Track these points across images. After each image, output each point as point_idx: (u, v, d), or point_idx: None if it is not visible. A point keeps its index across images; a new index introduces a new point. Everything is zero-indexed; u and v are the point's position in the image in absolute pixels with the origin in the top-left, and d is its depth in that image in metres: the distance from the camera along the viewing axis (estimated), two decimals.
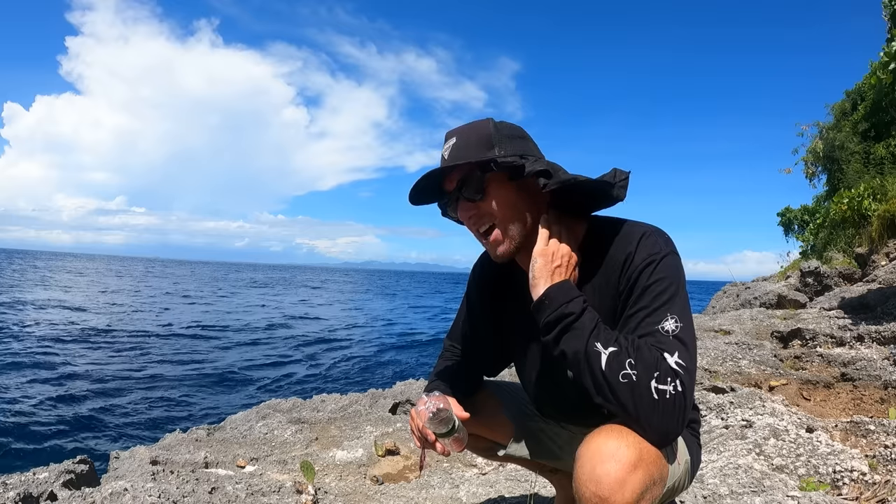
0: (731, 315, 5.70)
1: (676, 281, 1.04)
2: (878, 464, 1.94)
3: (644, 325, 1.00)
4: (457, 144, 1.13)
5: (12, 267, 66.26)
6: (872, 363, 3.29)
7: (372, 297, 49.31)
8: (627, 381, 0.92)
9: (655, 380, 0.92)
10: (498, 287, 1.33)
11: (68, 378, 10.49)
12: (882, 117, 11.50)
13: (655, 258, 1.05)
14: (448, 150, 1.14)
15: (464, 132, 1.14)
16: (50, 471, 2.27)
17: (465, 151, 1.11)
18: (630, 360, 0.94)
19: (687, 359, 0.96)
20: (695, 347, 1.02)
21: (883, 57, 4.95)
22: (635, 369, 0.93)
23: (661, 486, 0.95)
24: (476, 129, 1.15)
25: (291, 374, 12.27)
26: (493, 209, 1.13)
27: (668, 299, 1.02)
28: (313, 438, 3.11)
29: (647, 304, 1.02)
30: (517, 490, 2.15)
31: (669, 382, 0.92)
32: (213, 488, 2.08)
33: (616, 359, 0.94)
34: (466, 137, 1.13)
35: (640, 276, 1.04)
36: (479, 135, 1.13)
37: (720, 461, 2.06)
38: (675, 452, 1.10)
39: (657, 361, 0.94)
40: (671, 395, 0.91)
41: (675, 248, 1.09)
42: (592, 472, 0.89)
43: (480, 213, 1.14)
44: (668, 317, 1.00)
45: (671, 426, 0.92)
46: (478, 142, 1.12)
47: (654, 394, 0.91)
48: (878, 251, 7.02)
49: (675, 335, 0.98)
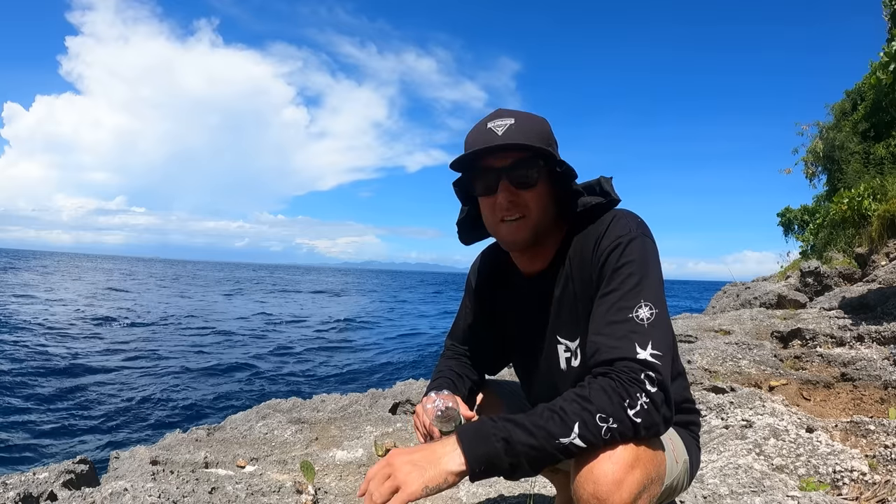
0: (731, 315, 5.70)
1: (646, 263, 1.02)
2: (878, 464, 1.94)
3: (615, 310, 0.99)
4: (518, 126, 1.08)
5: (15, 266, 66.29)
6: (872, 363, 3.29)
7: (372, 297, 49.31)
8: (611, 434, 0.89)
9: (629, 406, 0.89)
10: (495, 285, 1.33)
11: (68, 378, 10.49)
12: (882, 117, 11.50)
13: (622, 241, 1.04)
14: (504, 129, 1.07)
15: (522, 117, 1.10)
16: (50, 471, 2.27)
17: (528, 136, 1.07)
18: (600, 414, 0.89)
19: (663, 346, 0.95)
20: (670, 330, 1.01)
21: (883, 57, 4.95)
22: (609, 418, 0.89)
23: (658, 484, 0.95)
24: (535, 120, 1.11)
25: (291, 374, 12.27)
26: (532, 203, 1.11)
27: (638, 282, 1.00)
28: (313, 438, 3.11)
29: (616, 288, 1.01)
30: (517, 490, 2.15)
31: (641, 395, 0.90)
32: (213, 488, 2.08)
33: (588, 430, 0.88)
34: (527, 124, 1.09)
35: (609, 259, 1.03)
36: (539, 127, 1.10)
37: (720, 461, 2.06)
38: (672, 451, 1.10)
39: (620, 388, 0.90)
40: (647, 406, 0.90)
41: (646, 231, 1.07)
42: (590, 472, 0.89)
43: (518, 202, 1.10)
44: (642, 303, 0.98)
45: (657, 426, 0.92)
46: (539, 134, 1.09)
47: (637, 418, 0.90)
48: (878, 251, 7.02)
49: (650, 323, 0.96)
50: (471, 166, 1.13)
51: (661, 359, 0.93)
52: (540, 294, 1.21)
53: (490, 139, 1.07)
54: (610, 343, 0.96)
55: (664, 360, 0.94)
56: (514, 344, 1.34)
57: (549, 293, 1.19)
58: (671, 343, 0.99)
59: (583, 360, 1.15)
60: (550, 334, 1.20)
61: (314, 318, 25.17)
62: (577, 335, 1.15)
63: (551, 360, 1.21)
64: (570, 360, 1.18)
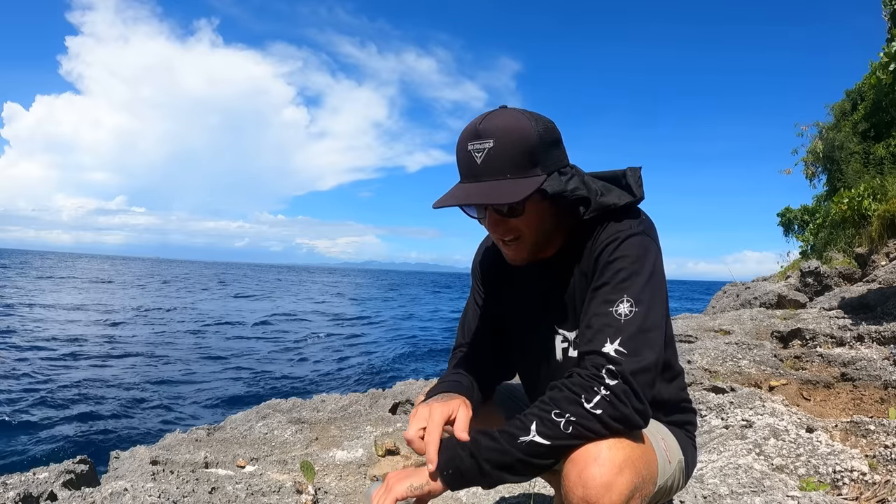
0: (731, 315, 5.70)
1: (639, 261, 1.01)
2: (878, 464, 1.94)
3: (599, 303, 1.00)
4: (497, 151, 1.00)
5: (18, 266, 66.27)
6: (872, 363, 3.29)
7: (372, 296, 49.32)
8: (573, 428, 0.90)
9: (585, 400, 0.91)
10: (498, 279, 1.32)
11: (68, 378, 10.49)
12: (882, 117, 11.51)
13: (619, 236, 1.03)
14: (483, 156, 1.01)
15: (502, 137, 1.00)
16: (50, 471, 2.27)
17: (505, 164, 1.01)
18: (555, 410, 0.92)
19: (633, 344, 0.94)
20: (655, 330, 0.98)
21: (883, 57, 4.95)
22: (566, 413, 0.91)
23: (651, 484, 0.95)
24: (517, 136, 1.01)
25: (291, 374, 12.27)
26: (524, 227, 1.08)
27: (626, 278, 0.99)
28: (313, 438, 3.11)
29: (606, 281, 1.01)
30: (517, 490, 2.15)
31: (599, 388, 0.91)
32: (213, 488, 2.08)
33: (545, 426, 0.92)
34: (506, 145, 1.00)
35: (603, 253, 1.03)
36: (521, 147, 1.01)
37: (720, 461, 2.06)
38: (665, 451, 1.10)
39: (577, 384, 0.93)
40: (609, 398, 0.91)
41: (649, 231, 1.06)
42: (579, 476, 0.89)
43: (509, 227, 1.09)
44: (625, 299, 0.98)
45: (627, 418, 0.91)
46: (521, 155, 1.01)
47: (596, 409, 0.90)
48: (878, 251, 7.02)
49: (626, 320, 0.96)
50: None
51: (626, 357, 0.93)
52: (540, 287, 1.20)
53: (470, 168, 1.03)
54: (588, 335, 0.98)
55: (630, 358, 0.93)
56: (512, 339, 1.33)
57: (549, 286, 1.18)
58: (651, 343, 0.97)
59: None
60: (549, 326, 1.20)
61: (314, 318, 25.18)
62: (576, 326, 1.15)
63: (549, 351, 1.21)
64: (566, 351, 1.18)
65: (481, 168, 1.02)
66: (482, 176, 1.02)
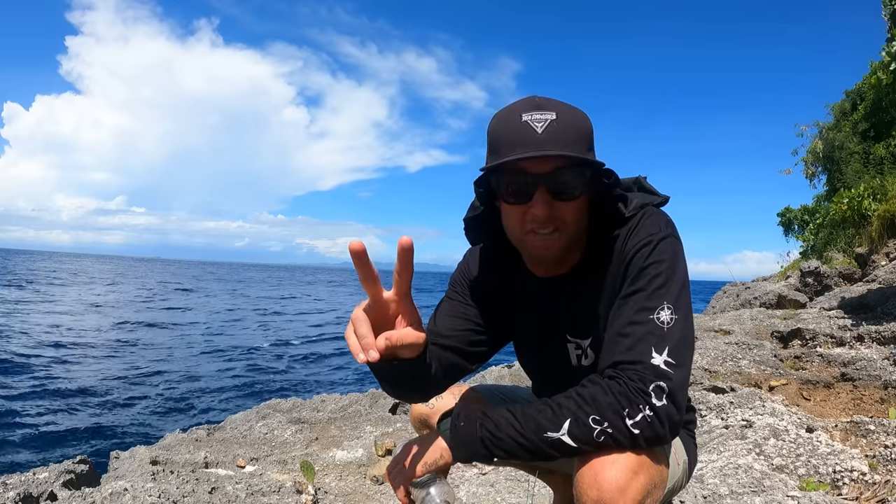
0: (731, 315, 5.70)
1: (674, 265, 0.97)
2: (878, 464, 1.94)
3: (637, 310, 0.95)
4: (561, 125, 0.93)
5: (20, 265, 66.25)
6: (872, 363, 3.29)
7: None
8: (605, 438, 0.87)
9: (628, 416, 0.86)
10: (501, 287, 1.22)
11: (68, 378, 10.50)
12: (882, 117, 11.52)
13: (652, 239, 0.98)
14: (545, 126, 0.92)
15: (565, 112, 0.95)
16: (50, 471, 2.27)
17: (571, 139, 0.93)
18: (594, 416, 0.87)
19: (679, 353, 0.90)
20: (691, 337, 0.96)
21: (884, 57, 4.95)
22: (604, 422, 0.87)
23: (661, 488, 0.94)
24: (578, 118, 0.96)
25: (292, 374, 12.27)
26: (569, 217, 0.99)
27: (663, 283, 0.95)
28: (313, 438, 3.11)
29: (642, 288, 0.96)
30: (517, 490, 2.16)
31: (644, 407, 0.87)
32: (213, 488, 2.08)
33: (579, 428, 0.88)
34: (571, 122, 0.95)
35: (636, 258, 0.98)
36: (582, 127, 0.96)
37: (720, 461, 2.06)
38: (674, 454, 1.10)
39: (622, 394, 0.88)
40: (650, 419, 0.87)
41: (675, 232, 1.02)
42: (594, 478, 0.87)
43: (554, 216, 0.97)
44: (665, 305, 0.93)
45: (661, 439, 0.89)
46: (582, 135, 0.96)
47: (635, 429, 0.87)
48: (878, 251, 7.02)
49: (670, 327, 0.92)
50: (497, 166, 0.95)
51: (676, 368, 0.89)
52: (553, 294, 1.14)
53: (528, 138, 0.92)
54: (626, 344, 0.93)
55: (679, 369, 0.89)
56: (521, 345, 1.28)
57: (563, 293, 1.12)
58: (691, 351, 0.94)
59: (595, 358, 1.11)
60: (561, 334, 1.16)
61: (314, 318, 25.17)
62: (591, 334, 1.11)
63: (562, 358, 1.18)
64: (580, 358, 1.15)
65: (543, 137, 0.92)
66: (545, 145, 0.92)
